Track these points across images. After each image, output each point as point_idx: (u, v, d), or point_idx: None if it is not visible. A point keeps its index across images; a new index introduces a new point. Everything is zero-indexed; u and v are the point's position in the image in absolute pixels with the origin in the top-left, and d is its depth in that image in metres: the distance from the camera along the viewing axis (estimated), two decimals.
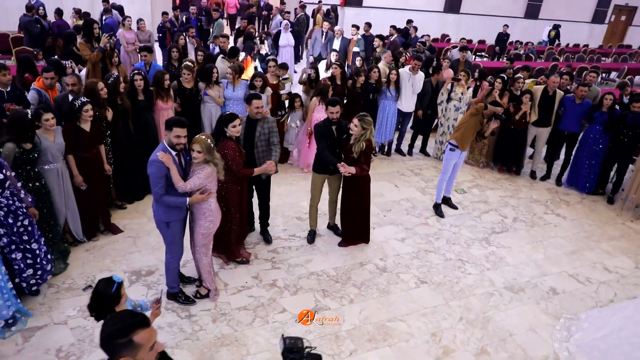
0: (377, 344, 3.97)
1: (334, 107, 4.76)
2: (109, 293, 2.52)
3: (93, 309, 2.56)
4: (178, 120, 3.76)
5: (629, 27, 23.83)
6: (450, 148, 5.85)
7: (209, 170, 3.83)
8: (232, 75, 6.28)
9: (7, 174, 3.73)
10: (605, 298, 4.86)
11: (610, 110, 6.62)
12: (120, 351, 1.79)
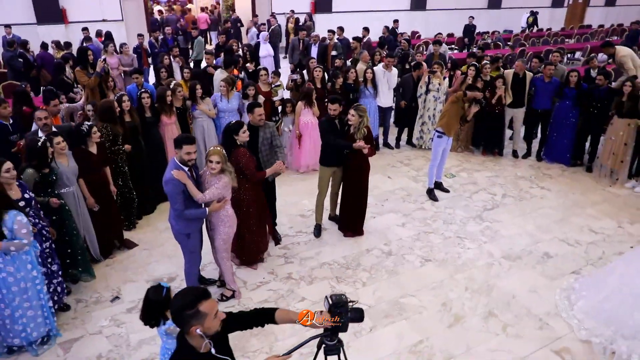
0: (393, 318, 4.29)
1: (333, 105, 5.12)
2: (160, 298, 2.75)
3: (146, 316, 2.79)
4: (187, 138, 3.96)
5: (587, 8, 24.76)
6: (438, 135, 6.23)
7: (226, 180, 4.04)
8: (225, 87, 6.56)
9: (31, 195, 3.95)
10: (594, 256, 5.26)
11: (577, 85, 7.09)
12: (190, 321, 2.05)
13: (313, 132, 7.07)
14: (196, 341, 2.09)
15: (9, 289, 3.57)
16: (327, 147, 5.35)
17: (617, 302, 4.07)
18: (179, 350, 2.13)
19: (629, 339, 3.87)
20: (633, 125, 6.62)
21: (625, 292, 4.06)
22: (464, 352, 3.92)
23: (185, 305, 2.05)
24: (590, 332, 4.05)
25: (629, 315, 3.93)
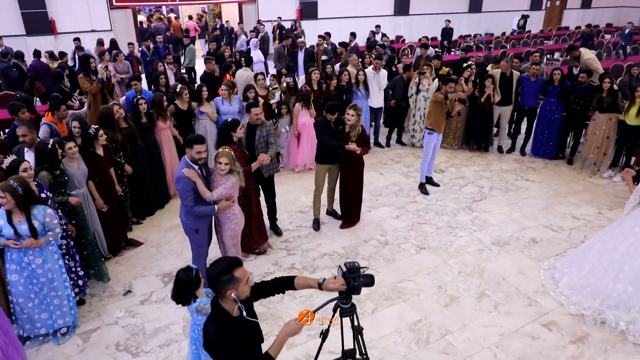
0: (393, 301, 4.57)
1: (333, 115, 5.43)
2: (190, 278, 3.00)
3: (178, 295, 3.04)
4: (197, 138, 4.18)
5: (564, 10, 25.52)
6: (429, 132, 6.57)
7: (233, 180, 4.28)
8: (227, 91, 6.83)
9: (48, 194, 4.17)
10: (577, 240, 5.61)
11: (561, 83, 7.49)
12: (226, 286, 2.31)
13: (310, 132, 7.36)
14: (229, 305, 2.35)
15: (38, 279, 3.78)
16: (323, 145, 5.63)
17: (599, 276, 4.40)
18: (214, 314, 2.38)
19: (613, 309, 4.21)
20: (614, 119, 7.03)
21: (605, 266, 4.39)
22: (459, 328, 4.22)
23: (222, 271, 2.30)
24: (579, 306, 4.37)
25: (612, 287, 4.27)
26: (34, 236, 3.70)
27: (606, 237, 4.51)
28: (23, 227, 3.66)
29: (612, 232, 4.47)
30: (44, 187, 4.17)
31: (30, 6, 13.75)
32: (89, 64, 6.90)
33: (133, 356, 3.95)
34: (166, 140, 6.45)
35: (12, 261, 3.78)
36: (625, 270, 4.27)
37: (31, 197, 3.71)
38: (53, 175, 4.36)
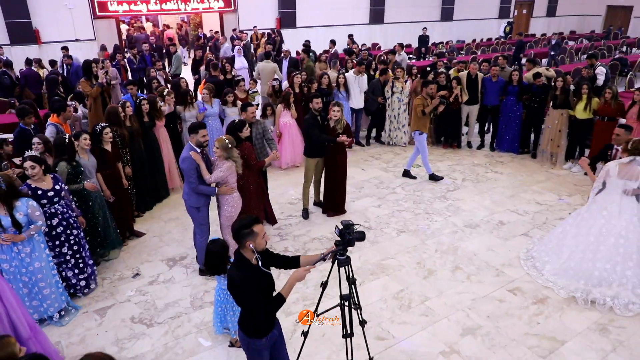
0: (378, 275, 5.13)
1: (317, 99, 5.99)
2: (219, 249, 3.56)
3: (210, 266, 3.60)
4: (200, 124, 4.83)
5: (530, 18, 26.78)
6: (419, 133, 7.25)
7: (227, 164, 4.82)
8: (208, 95, 7.33)
9: (62, 186, 4.58)
10: (539, 222, 6.28)
11: (519, 83, 8.24)
12: (246, 238, 2.82)
13: (292, 131, 7.92)
14: (249, 254, 2.86)
15: (27, 268, 4.13)
16: (311, 140, 6.20)
17: (579, 259, 4.90)
18: (237, 261, 2.89)
19: (597, 286, 4.73)
20: (565, 114, 7.78)
21: (583, 249, 4.90)
22: (436, 295, 4.79)
23: (243, 225, 2.83)
24: (567, 289, 4.82)
25: (592, 267, 4.79)
26: (18, 229, 3.98)
27: (579, 223, 5.01)
28: (5, 220, 3.93)
29: (583, 218, 5.01)
30: (60, 180, 4.58)
31: (15, 16, 13.98)
32: (90, 68, 7.33)
33: (147, 327, 4.40)
34: (164, 138, 6.91)
35: (2, 252, 4.07)
36: (601, 250, 4.80)
37: (14, 192, 4.00)
38: (71, 165, 4.80)
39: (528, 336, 4.25)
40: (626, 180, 4.76)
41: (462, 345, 4.15)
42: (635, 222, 4.78)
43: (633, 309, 4.56)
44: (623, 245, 4.74)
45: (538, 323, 4.42)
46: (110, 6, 15.32)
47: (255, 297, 2.84)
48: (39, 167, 4.32)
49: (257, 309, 2.88)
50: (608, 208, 4.88)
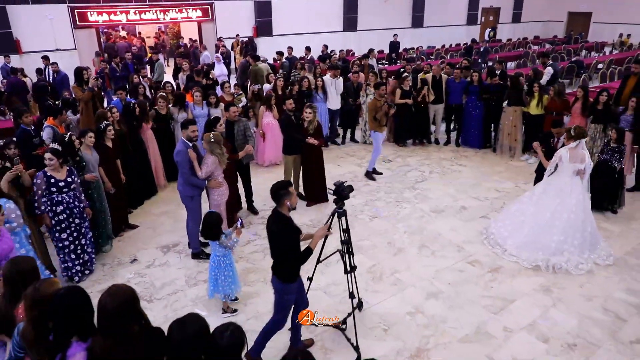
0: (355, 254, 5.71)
1: (290, 100, 6.65)
2: (213, 219, 4.22)
3: (206, 233, 4.28)
4: (191, 120, 5.41)
5: (497, 25, 28.00)
6: (374, 132, 7.90)
7: (212, 159, 5.39)
8: (200, 97, 7.88)
9: (74, 179, 5.04)
10: (497, 206, 6.99)
11: (479, 83, 9.01)
12: (284, 197, 3.55)
13: (274, 131, 8.50)
14: (285, 210, 3.60)
15: None
16: (288, 139, 6.79)
17: (537, 234, 5.57)
18: (276, 216, 3.62)
19: (553, 255, 5.46)
20: (519, 111, 8.58)
21: (542, 225, 5.58)
22: (405, 269, 5.43)
23: (281, 187, 3.59)
24: (530, 260, 5.47)
25: (549, 239, 5.50)
26: None
27: (536, 203, 5.69)
28: None
29: (540, 198, 5.68)
30: (74, 174, 5.05)
31: None
32: (82, 75, 7.79)
33: (148, 302, 4.91)
34: (150, 139, 7.41)
35: None
36: (556, 225, 5.53)
37: None
38: (74, 160, 5.30)
39: (483, 298, 4.92)
40: (575, 163, 5.50)
41: (426, 306, 4.79)
42: (581, 199, 5.56)
43: (583, 267, 5.40)
44: (573, 220, 5.52)
45: (492, 287, 5.10)
46: (90, 16, 15.67)
47: (291, 246, 3.57)
48: (56, 159, 4.85)
49: (292, 257, 3.61)
50: (563, 188, 5.61)
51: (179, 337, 2.38)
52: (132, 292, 2.57)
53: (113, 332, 2.46)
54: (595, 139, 7.83)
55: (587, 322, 4.55)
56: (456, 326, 4.50)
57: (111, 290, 2.54)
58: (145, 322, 2.63)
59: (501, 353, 4.17)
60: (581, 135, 5.47)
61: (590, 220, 5.62)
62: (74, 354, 2.47)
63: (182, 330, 2.40)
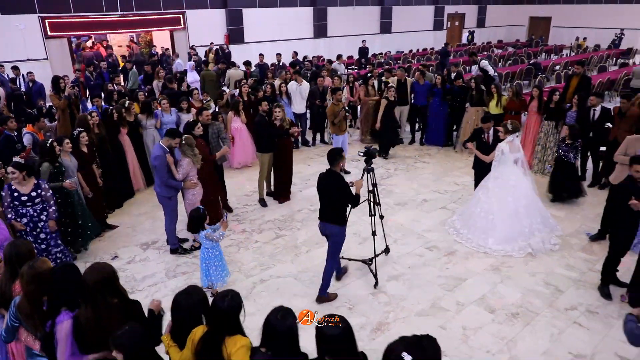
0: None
1: (265, 102, 7.14)
2: (200, 214, 4.61)
3: (192, 227, 4.70)
4: (179, 133, 5.79)
5: (462, 30, 29.04)
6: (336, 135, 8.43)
7: (186, 161, 5.77)
8: (167, 104, 8.22)
9: (40, 193, 5.13)
10: (456, 198, 7.56)
11: (442, 85, 9.61)
12: (337, 160, 4.68)
13: (242, 135, 8.91)
14: (337, 169, 4.75)
15: None
16: (263, 138, 7.23)
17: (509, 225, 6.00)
18: (330, 173, 4.76)
19: (530, 238, 5.99)
20: (480, 111, 9.19)
21: (509, 215, 6.04)
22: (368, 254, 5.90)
23: (336, 152, 4.72)
24: (516, 249, 5.92)
25: (521, 226, 6.00)
26: None
27: (496, 197, 6.15)
28: None
29: (495, 192, 6.16)
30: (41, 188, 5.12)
31: None
32: (59, 83, 8.06)
33: (130, 293, 5.17)
34: (128, 144, 7.72)
35: None
36: (520, 212, 6.07)
37: None
38: (53, 166, 5.60)
39: (439, 277, 5.43)
40: (514, 153, 6.08)
41: (387, 287, 5.27)
42: (527, 183, 6.17)
43: (554, 242, 6.10)
44: (531, 202, 6.17)
45: (447, 268, 5.62)
46: (62, 27, 15.79)
47: (348, 193, 4.72)
48: (18, 172, 4.96)
49: (348, 201, 4.78)
50: (511, 177, 6.18)
51: (187, 304, 2.76)
52: (112, 269, 2.95)
53: (94, 303, 2.83)
54: (548, 134, 8.47)
55: (530, 295, 5.10)
56: (414, 303, 4.99)
57: (93, 267, 2.92)
58: (124, 297, 3.01)
59: (453, 323, 4.68)
60: (516, 130, 6.08)
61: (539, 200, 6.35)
62: (61, 321, 2.85)
63: (189, 298, 2.78)
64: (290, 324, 2.51)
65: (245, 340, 2.62)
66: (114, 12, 16.65)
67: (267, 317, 2.54)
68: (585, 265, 5.66)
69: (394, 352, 2.15)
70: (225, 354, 2.57)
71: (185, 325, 2.79)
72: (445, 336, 4.45)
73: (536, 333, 4.54)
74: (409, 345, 2.15)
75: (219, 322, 2.62)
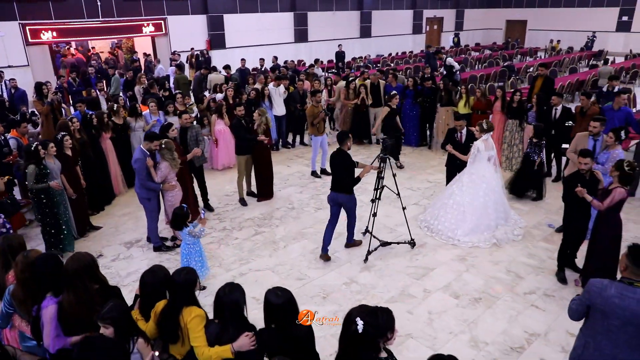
0: (299, 239, 6.50)
1: (240, 107, 7.37)
2: (183, 212, 4.88)
3: (175, 224, 4.98)
4: (157, 135, 6.09)
5: (441, 33, 29.67)
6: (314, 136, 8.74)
7: (165, 164, 6.05)
8: (155, 107, 8.48)
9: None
10: (428, 194, 7.92)
11: (414, 87, 10.01)
12: (346, 141, 5.70)
13: (226, 137, 9.18)
14: (346, 148, 5.52)
15: None
16: (240, 140, 7.51)
17: (478, 218, 6.42)
18: (339, 152, 5.58)
19: (495, 230, 6.39)
20: (450, 110, 9.60)
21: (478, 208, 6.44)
22: (342, 249, 6.23)
23: (344, 134, 5.61)
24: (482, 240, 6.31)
25: (488, 219, 6.41)
26: None
27: (468, 191, 6.54)
28: None
29: (468, 187, 6.54)
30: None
31: None
32: (42, 89, 8.25)
33: None
34: (110, 148, 7.95)
35: None
36: (489, 206, 6.47)
37: None
38: (39, 168, 5.82)
39: (408, 267, 5.77)
40: (488, 151, 6.47)
41: (360, 277, 5.59)
42: (497, 179, 6.61)
43: (519, 232, 6.52)
44: (498, 197, 6.59)
45: (417, 259, 5.96)
46: (43, 35, 15.87)
47: (351, 171, 5.65)
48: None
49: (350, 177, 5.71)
50: (484, 174, 6.57)
51: (152, 281, 3.07)
52: (91, 257, 3.25)
53: (75, 289, 3.10)
54: (513, 132, 8.91)
55: (492, 281, 5.47)
56: (384, 291, 5.32)
57: (73, 256, 3.22)
58: (105, 283, 3.29)
59: (419, 309, 5.01)
60: (491, 129, 6.47)
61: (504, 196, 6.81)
62: (46, 306, 3.11)
63: (154, 276, 3.10)
64: (235, 297, 2.87)
65: (200, 311, 2.96)
66: (95, 19, 16.79)
67: (217, 291, 2.88)
68: (545, 253, 6.06)
69: (351, 317, 2.49)
70: (182, 322, 2.91)
71: (152, 301, 3.10)
72: (412, 320, 4.78)
73: (496, 315, 4.89)
74: (364, 313, 2.51)
75: (177, 294, 2.95)
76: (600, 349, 2.98)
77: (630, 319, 2.84)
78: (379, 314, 2.58)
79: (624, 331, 2.88)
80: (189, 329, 2.92)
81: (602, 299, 2.91)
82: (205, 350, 2.85)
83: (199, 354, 2.87)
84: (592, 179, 5.02)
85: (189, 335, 2.93)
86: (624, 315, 2.84)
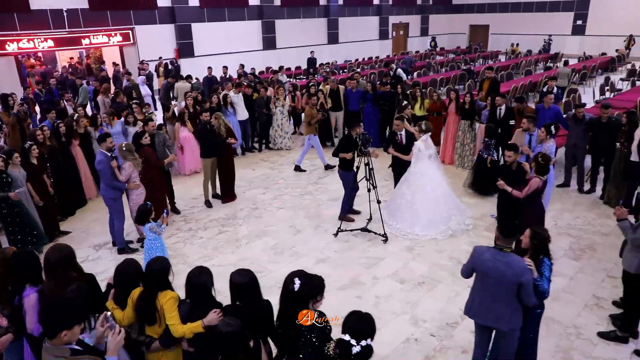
0: (261, 237, 6.92)
1: (206, 113, 7.82)
2: (147, 209, 5.28)
3: (140, 219, 5.35)
4: (106, 134, 6.45)
5: (407, 38, 30.50)
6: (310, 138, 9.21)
7: (128, 164, 6.42)
8: (108, 118, 8.80)
9: None
10: (382, 192, 8.40)
11: (373, 91, 10.56)
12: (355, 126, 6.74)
13: (190, 143, 9.54)
14: (354, 133, 6.51)
15: None
16: (205, 144, 7.90)
17: (431, 213, 6.88)
18: (346, 137, 6.78)
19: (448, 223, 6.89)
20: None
21: (430, 204, 6.92)
22: (301, 245, 6.68)
23: (354, 121, 6.48)
24: (438, 232, 6.79)
25: (440, 213, 6.89)
26: None
27: (418, 189, 7.02)
28: None
29: (418, 185, 7.01)
30: None
31: None
32: (7, 101, 8.48)
33: None
34: (80, 155, 8.23)
35: None
36: (439, 199, 6.98)
37: None
38: (0, 177, 6.10)
39: (360, 258, 6.25)
40: (428, 150, 7.00)
41: (315, 269, 6.02)
42: (440, 174, 7.10)
43: (468, 222, 7.03)
44: (445, 190, 7.14)
45: (368, 251, 6.45)
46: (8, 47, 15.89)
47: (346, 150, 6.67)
48: None
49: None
50: (428, 171, 7.09)
51: (127, 271, 3.45)
52: (70, 248, 3.60)
53: (56, 276, 3.47)
54: (465, 132, 9.51)
55: (435, 267, 5.99)
56: (337, 279, 5.78)
57: (54, 247, 3.57)
58: (81, 271, 3.66)
59: (368, 293, 5.48)
60: (429, 130, 7.03)
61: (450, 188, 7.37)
62: (28, 295, 3.46)
63: (126, 268, 3.48)
64: (203, 279, 3.28)
65: (173, 294, 3.34)
66: (61, 30, 16.88)
67: (187, 274, 3.28)
68: (486, 242, 6.59)
69: (291, 277, 3.07)
70: (158, 305, 3.28)
71: (127, 290, 3.47)
72: (361, 303, 5.24)
73: (436, 297, 5.41)
74: (302, 275, 3.04)
75: (153, 281, 3.33)
76: (483, 302, 3.75)
77: (499, 277, 3.57)
78: (314, 279, 3.11)
79: (498, 288, 3.62)
80: (165, 310, 3.29)
81: (481, 261, 3.71)
82: (179, 327, 3.25)
83: (174, 331, 3.26)
84: (519, 169, 5.60)
85: (164, 316, 3.30)
86: (495, 275, 3.59)
